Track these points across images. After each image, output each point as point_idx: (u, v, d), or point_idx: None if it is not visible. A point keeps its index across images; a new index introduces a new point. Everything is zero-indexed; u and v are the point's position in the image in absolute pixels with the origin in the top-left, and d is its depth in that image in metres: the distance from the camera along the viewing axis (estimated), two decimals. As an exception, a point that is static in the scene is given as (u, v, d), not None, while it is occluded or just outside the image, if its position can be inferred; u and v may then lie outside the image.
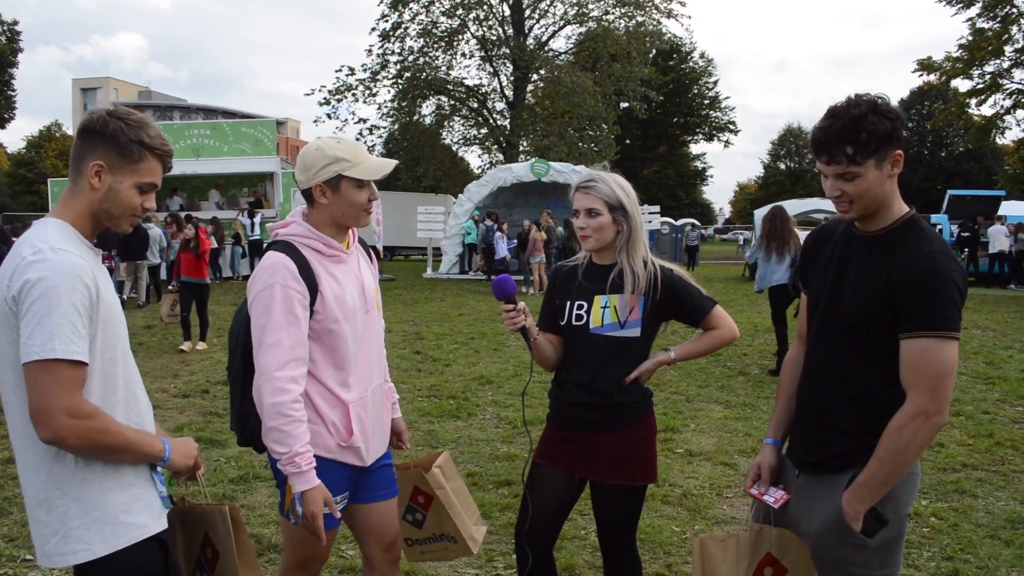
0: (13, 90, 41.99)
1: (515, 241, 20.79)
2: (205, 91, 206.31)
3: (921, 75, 30.19)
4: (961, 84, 31.35)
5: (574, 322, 2.82)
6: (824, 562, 2.30)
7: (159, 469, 2.11)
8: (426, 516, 3.07)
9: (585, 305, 2.80)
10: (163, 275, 16.35)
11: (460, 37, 33.88)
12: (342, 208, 2.53)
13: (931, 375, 2.06)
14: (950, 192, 25.49)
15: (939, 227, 21.68)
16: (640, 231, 2.82)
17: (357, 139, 32.10)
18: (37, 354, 1.83)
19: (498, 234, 19.94)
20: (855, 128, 2.08)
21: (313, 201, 2.54)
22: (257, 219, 20.47)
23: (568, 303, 2.85)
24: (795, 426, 2.47)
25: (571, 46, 36.29)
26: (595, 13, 34.33)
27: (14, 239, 12.21)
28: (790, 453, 2.48)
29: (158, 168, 2.08)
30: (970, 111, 30.92)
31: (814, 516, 2.29)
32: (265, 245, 2.53)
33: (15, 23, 40.63)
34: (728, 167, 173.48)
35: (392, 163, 2.60)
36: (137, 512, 2.04)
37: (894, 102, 2.18)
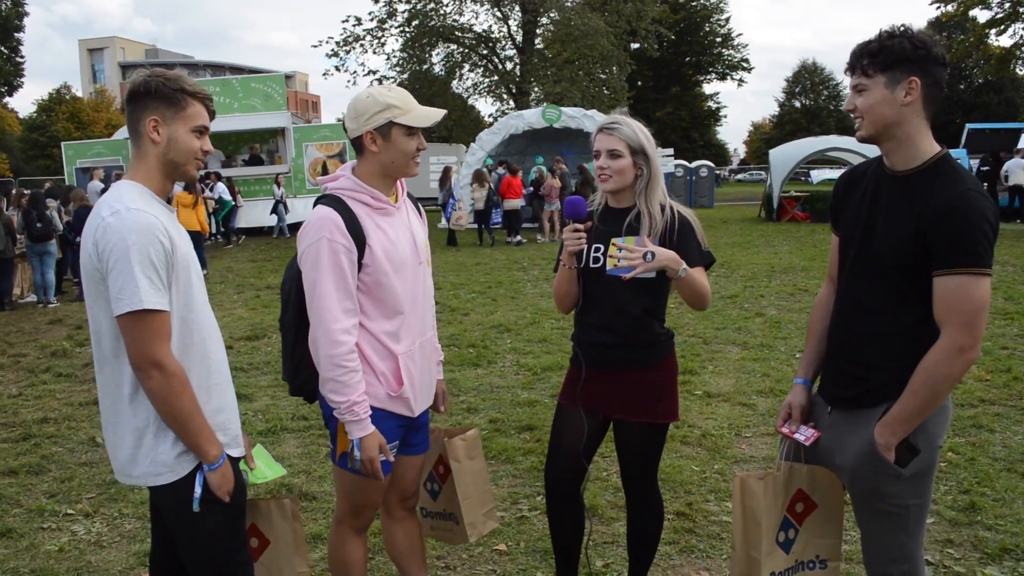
0: (21, 56, 41.76)
1: (531, 188, 20.68)
2: (195, 46, 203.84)
3: (938, 7, 29.50)
4: (980, 15, 30.58)
5: (591, 264, 2.86)
6: (859, 494, 2.37)
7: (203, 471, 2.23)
8: (442, 489, 3.07)
9: (602, 248, 2.84)
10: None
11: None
12: (391, 156, 2.54)
13: (965, 311, 2.11)
14: (969, 126, 25.05)
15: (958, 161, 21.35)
16: (659, 175, 2.84)
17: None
18: (129, 306, 2.04)
19: (512, 181, 19.83)
20: (876, 45, 2.18)
21: (363, 150, 2.55)
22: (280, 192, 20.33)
23: (585, 247, 2.88)
24: (827, 364, 2.52)
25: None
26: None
27: (50, 200, 12.36)
28: (822, 391, 2.54)
29: (203, 111, 2.25)
30: (989, 42, 30.23)
31: (849, 450, 2.35)
32: (315, 199, 2.61)
33: (21, -13, 40.19)
34: (738, 106, 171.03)
35: (441, 112, 2.59)
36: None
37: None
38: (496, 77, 35.73)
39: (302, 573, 2.70)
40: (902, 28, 2.18)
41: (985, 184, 20.71)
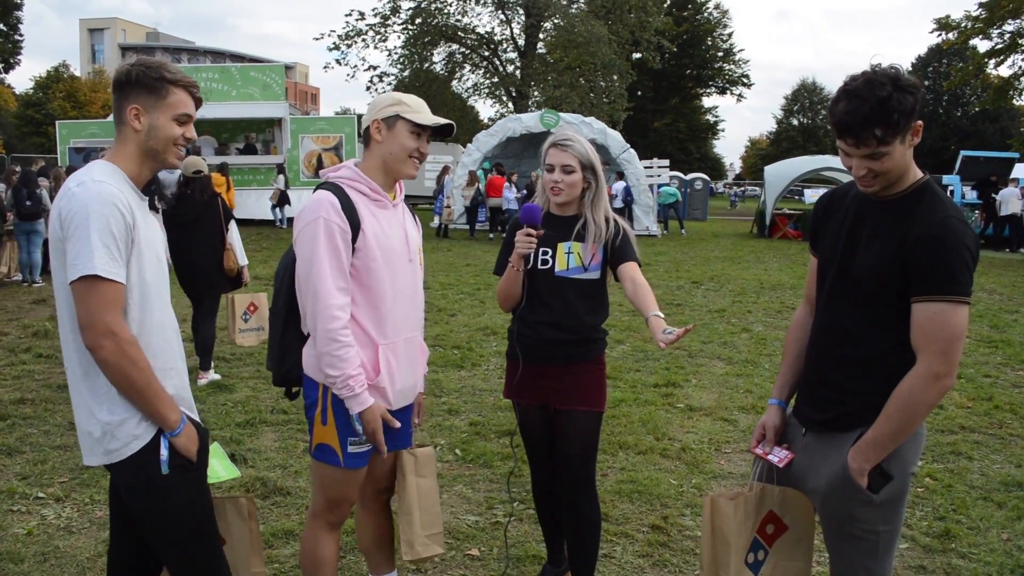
0: (20, 34, 41.61)
1: (524, 191, 20.71)
2: (191, 32, 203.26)
3: (939, 34, 29.69)
4: (980, 44, 30.78)
5: (540, 266, 3.08)
6: (830, 518, 2.36)
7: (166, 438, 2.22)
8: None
9: (550, 252, 3.08)
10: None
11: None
12: (392, 148, 2.64)
13: (942, 339, 2.10)
14: (963, 153, 25.19)
15: (950, 188, 21.52)
16: (603, 188, 3.12)
17: (367, 86, 31.85)
18: (80, 271, 2.03)
19: (506, 184, 19.86)
20: (884, 110, 2.04)
21: (370, 139, 2.67)
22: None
23: (533, 250, 3.06)
24: (803, 385, 2.51)
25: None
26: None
27: (43, 179, 12.31)
28: (797, 412, 2.53)
29: (187, 99, 2.27)
30: (988, 71, 30.44)
31: (821, 473, 2.34)
32: (315, 188, 2.66)
33: (22, -36, 39.99)
34: (735, 121, 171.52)
35: (446, 121, 2.70)
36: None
37: (911, 59, 2.18)
38: (496, 79, 35.75)
39: (258, 573, 2.69)
40: (886, 78, 2.07)
41: (975, 213, 20.85)
